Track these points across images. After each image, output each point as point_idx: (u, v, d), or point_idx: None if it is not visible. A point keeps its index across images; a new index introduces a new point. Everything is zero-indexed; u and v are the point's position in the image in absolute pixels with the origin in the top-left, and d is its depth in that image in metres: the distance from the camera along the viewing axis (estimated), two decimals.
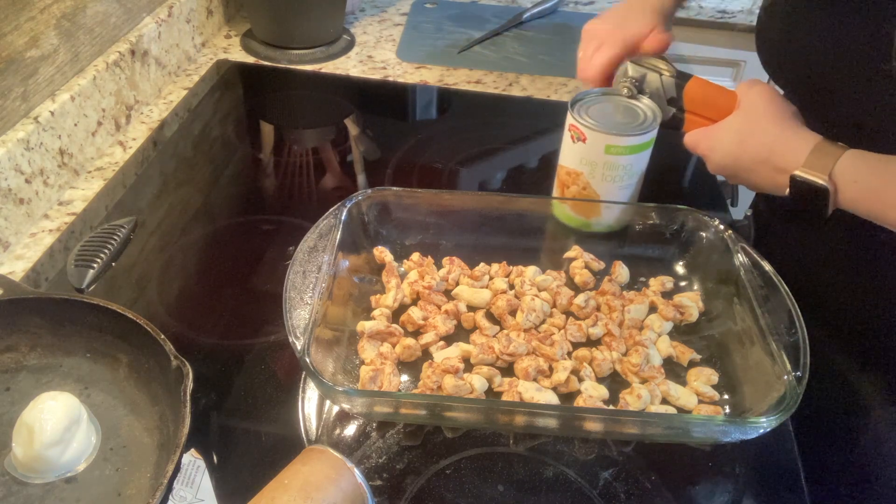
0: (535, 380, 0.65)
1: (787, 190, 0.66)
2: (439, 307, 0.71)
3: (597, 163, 0.76)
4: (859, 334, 0.79)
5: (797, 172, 0.65)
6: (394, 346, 0.67)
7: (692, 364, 0.68)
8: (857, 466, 0.84)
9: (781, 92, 0.75)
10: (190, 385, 0.55)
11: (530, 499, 0.58)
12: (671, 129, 0.79)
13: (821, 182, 0.63)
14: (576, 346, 0.68)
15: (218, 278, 0.78)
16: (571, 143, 0.77)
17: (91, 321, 0.62)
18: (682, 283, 0.76)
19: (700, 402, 0.64)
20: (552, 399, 0.63)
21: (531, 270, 0.75)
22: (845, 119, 0.69)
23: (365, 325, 0.67)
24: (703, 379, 0.66)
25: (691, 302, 0.72)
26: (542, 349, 0.66)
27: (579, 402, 0.63)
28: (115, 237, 0.77)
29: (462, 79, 1.13)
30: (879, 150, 0.65)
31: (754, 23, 1.35)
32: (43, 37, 0.81)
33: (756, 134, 0.69)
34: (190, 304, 0.74)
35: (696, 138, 0.75)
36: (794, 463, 0.63)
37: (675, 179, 0.96)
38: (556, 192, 0.83)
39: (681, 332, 0.71)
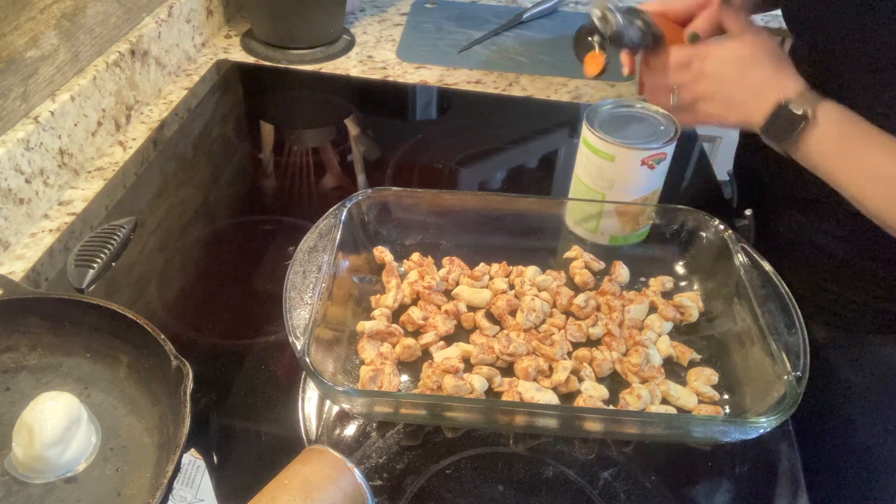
0: (535, 380, 0.65)
1: (763, 119, 0.66)
2: (439, 307, 0.71)
3: (666, 171, 0.77)
4: (858, 334, 0.80)
5: (787, 99, 0.65)
6: (394, 346, 0.67)
7: (692, 364, 0.68)
8: (857, 466, 0.84)
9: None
10: (190, 385, 0.55)
11: (530, 499, 0.58)
12: (649, 47, 0.74)
13: (805, 111, 0.64)
14: (576, 346, 0.68)
15: (218, 278, 0.78)
16: (650, 171, 0.75)
17: (91, 321, 0.62)
18: (682, 283, 0.76)
19: (700, 402, 0.64)
20: (552, 399, 0.63)
21: (531, 270, 0.75)
22: (864, 93, 0.69)
23: (365, 325, 0.67)
24: (703, 379, 0.66)
25: (691, 302, 0.72)
26: (542, 349, 0.66)
27: (579, 402, 0.63)
28: (115, 237, 0.77)
29: (462, 79, 1.13)
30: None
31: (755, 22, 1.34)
32: (43, 37, 0.81)
33: (761, 61, 0.69)
34: (190, 304, 0.74)
35: (690, 49, 0.72)
36: (794, 463, 0.63)
37: (675, 179, 0.96)
38: (619, 225, 0.78)
39: (681, 332, 0.71)
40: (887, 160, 0.63)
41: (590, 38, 0.73)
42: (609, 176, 0.76)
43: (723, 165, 1.00)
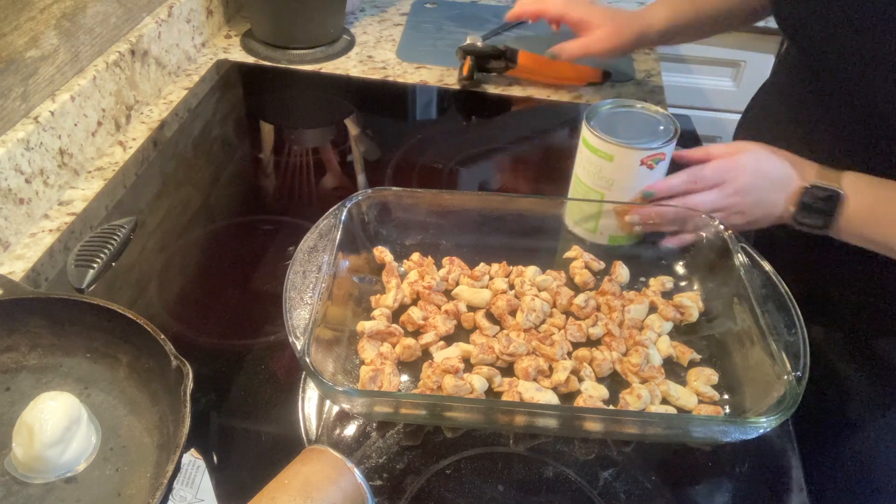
0: (535, 380, 0.65)
1: (794, 207, 0.70)
2: (439, 307, 0.71)
3: (666, 171, 0.77)
4: (859, 334, 0.80)
5: (814, 182, 0.69)
6: (394, 346, 0.67)
7: (692, 364, 0.68)
8: (857, 466, 0.84)
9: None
10: (190, 385, 0.55)
11: (530, 499, 0.58)
12: (508, 65, 1.09)
13: (834, 187, 0.67)
14: (576, 346, 0.68)
15: (218, 278, 0.78)
16: (649, 171, 0.75)
17: (91, 321, 0.62)
18: (682, 283, 0.76)
19: (700, 402, 0.64)
20: (552, 399, 0.63)
21: (531, 270, 0.75)
22: (856, 91, 0.70)
23: (365, 325, 0.67)
24: (703, 379, 0.66)
25: (691, 302, 0.72)
26: (542, 349, 0.66)
27: (579, 402, 0.63)
28: (115, 237, 0.77)
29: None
30: (883, 132, 0.68)
31: (754, 23, 1.34)
32: (43, 37, 0.81)
33: (772, 160, 0.72)
34: (190, 304, 0.74)
35: (718, 166, 0.74)
36: (795, 463, 0.63)
37: None
38: (618, 225, 0.78)
39: (681, 332, 0.71)
40: None
41: (467, 55, 1.09)
42: (608, 175, 0.76)
43: None
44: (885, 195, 0.68)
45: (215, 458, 0.59)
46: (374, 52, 1.19)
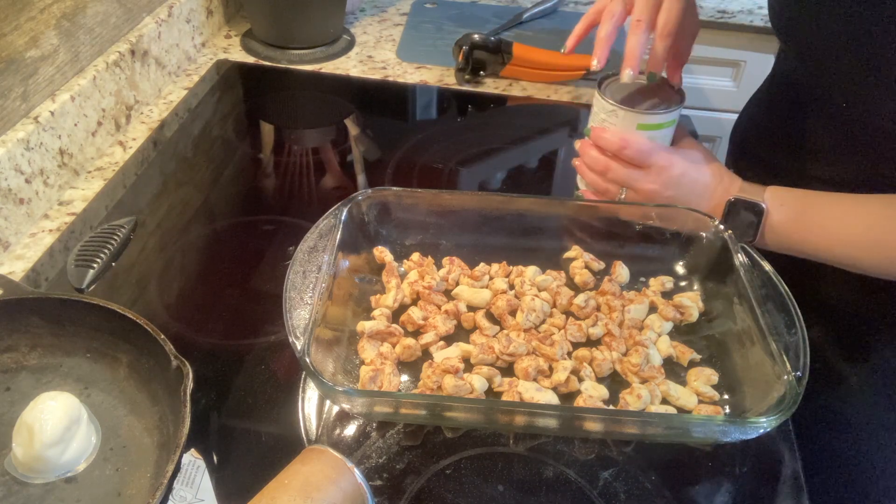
0: (535, 380, 0.65)
1: (720, 219, 0.73)
2: (439, 307, 0.71)
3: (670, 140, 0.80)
4: (858, 334, 0.80)
5: (737, 195, 0.72)
6: (394, 346, 0.67)
7: (692, 364, 0.68)
8: (857, 466, 0.84)
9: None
10: (190, 385, 0.55)
11: (530, 499, 0.58)
12: (505, 58, 1.10)
13: (756, 200, 0.71)
14: (576, 346, 0.68)
15: (218, 278, 0.78)
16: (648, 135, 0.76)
17: (91, 321, 0.62)
18: (682, 283, 0.76)
19: (700, 402, 0.64)
20: (552, 399, 0.63)
21: (531, 270, 0.75)
22: (850, 94, 0.70)
23: (365, 325, 0.67)
24: (703, 379, 0.66)
25: (691, 302, 0.72)
26: (542, 349, 0.66)
27: (579, 402, 0.63)
28: (115, 237, 0.77)
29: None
30: (867, 140, 0.69)
31: (754, 22, 1.35)
32: (43, 37, 0.81)
33: (710, 164, 0.77)
34: (190, 304, 0.74)
35: (655, 151, 0.76)
36: (794, 463, 0.63)
37: None
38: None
39: (681, 332, 0.71)
40: (846, 220, 0.68)
41: (462, 46, 1.10)
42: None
43: None
44: (808, 203, 0.70)
45: (215, 458, 0.59)
46: (374, 52, 1.19)
